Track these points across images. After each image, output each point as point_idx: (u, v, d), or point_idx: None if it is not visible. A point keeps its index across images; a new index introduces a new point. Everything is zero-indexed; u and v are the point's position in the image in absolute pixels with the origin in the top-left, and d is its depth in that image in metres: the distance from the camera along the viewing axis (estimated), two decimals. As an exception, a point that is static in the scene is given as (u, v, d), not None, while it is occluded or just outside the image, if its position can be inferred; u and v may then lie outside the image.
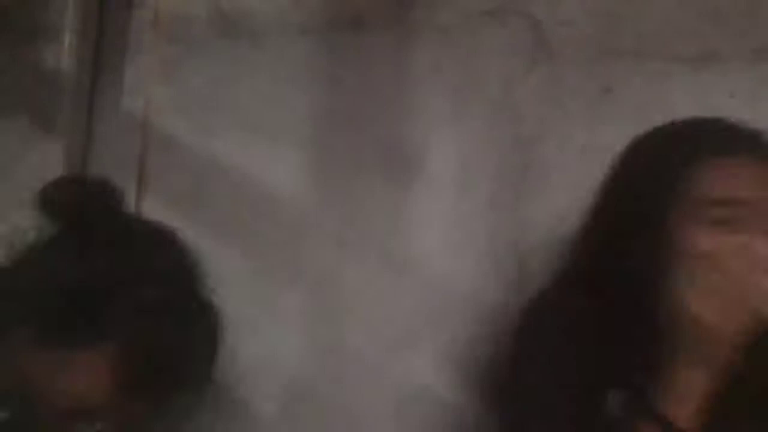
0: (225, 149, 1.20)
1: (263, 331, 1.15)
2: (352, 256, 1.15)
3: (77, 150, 1.21)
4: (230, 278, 1.17)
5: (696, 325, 0.73)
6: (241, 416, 1.14)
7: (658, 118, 1.11)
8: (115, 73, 1.26)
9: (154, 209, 1.20)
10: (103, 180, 0.87)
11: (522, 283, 1.11)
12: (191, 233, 1.19)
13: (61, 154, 1.20)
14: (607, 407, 0.77)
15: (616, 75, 1.13)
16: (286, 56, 1.22)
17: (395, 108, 1.18)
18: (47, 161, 1.19)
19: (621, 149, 0.95)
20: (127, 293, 0.77)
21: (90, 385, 0.75)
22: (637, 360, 0.77)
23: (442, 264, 1.13)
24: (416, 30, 1.19)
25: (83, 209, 0.81)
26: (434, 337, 1.12)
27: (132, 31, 1.27)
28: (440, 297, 1.13)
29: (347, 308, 1.15)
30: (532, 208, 1.12)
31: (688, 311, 0.73)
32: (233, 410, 1.14)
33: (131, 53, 1.26)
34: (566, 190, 1.12)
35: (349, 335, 1.14)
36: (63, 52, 1.21)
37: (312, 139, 1.19)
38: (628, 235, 0.82)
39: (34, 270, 0.80)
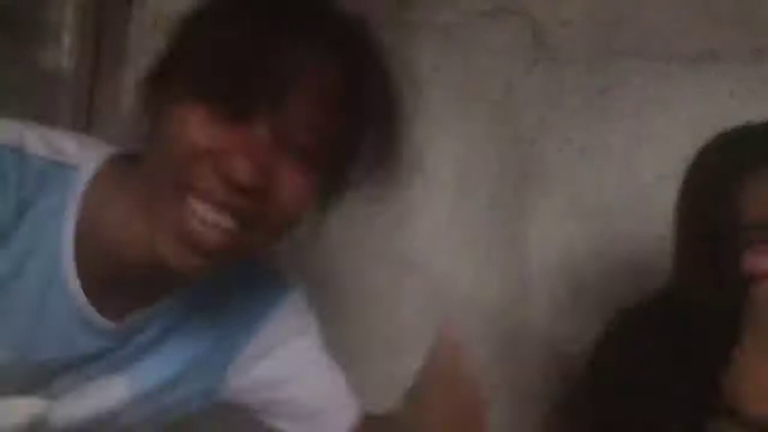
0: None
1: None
2: (353, 256, 1.15)
3: (77, 150, 1.21)
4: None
5: None
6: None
7: (658, 118, 1.12)
8: (115, 73, 1.25)
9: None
10: None
11: (522, 283, 1.11)
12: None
13: (61, 154, 1.19)
14: None
15: (616, 75, 1.13)
16: (286, 56, 1.22)
17: (395, 108, 1.18)
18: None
19: (620, 150, 0.94)
20: None
21: None
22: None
23: (442, 264, 1.13)
24: (416, 30, 1.19)
25: None
26: (434, 337, 1.12)
27: (132, 31, 1.27)
28: (440, 297, 1.13)
29: (347, 308, 1.15)
30: (532, 208, 1.12)
31: None
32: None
33: (131, 53, 1.26)
34: (566, 190, 1.12)
35: (349, 335, 1.14)
36: (63, 52, 1.21)
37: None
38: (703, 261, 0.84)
39: None
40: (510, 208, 1.13)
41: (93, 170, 0.67)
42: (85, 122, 1.24)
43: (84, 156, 0.68)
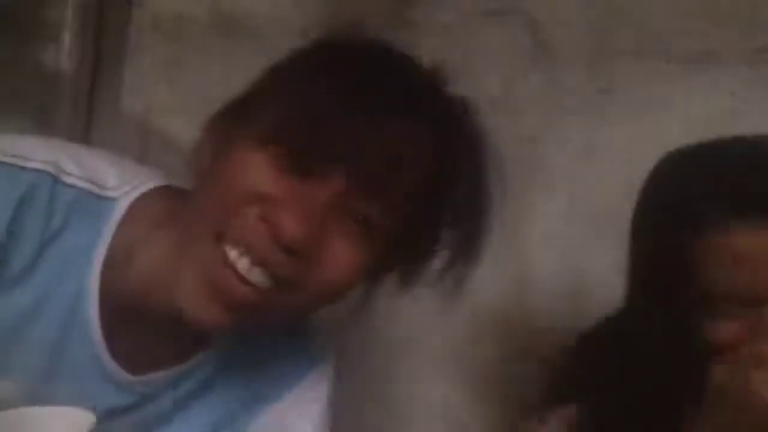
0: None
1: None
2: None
3: (77, 150, 1.21)
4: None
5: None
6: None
7: (658, 118, 1.12)
8: (115, 73, 1.25)
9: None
10: None
11: (522, 283, 1.11)
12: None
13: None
14: None
15: (616, 75, 1.13)
16: (286, 56, 1.22)
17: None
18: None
19: (621, 148, 0.93)
20: None
21: None
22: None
23: (442, 264, 1.13)
24: (416, 30, 1.19)
25: None
26: (434, 337, 1.12)
27: (132, 31, 1.27)
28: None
29: (347, 308, 1.15)
30: (532, 208, 1.12)
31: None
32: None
33: (131, 53, 1.26)
34: (566, 190, 1.12)
35: (349, 335, 1.14)
36: (63, 52, 1.21)
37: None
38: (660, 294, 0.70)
39: None
40: (510, 209, 1.13)
41: (128, 205, 0.62)
42: (85, 122, 1.24)
43: (122, 188, 0.63)
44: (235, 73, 1.29)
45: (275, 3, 1.24)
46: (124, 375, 0.62)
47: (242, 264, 0.54)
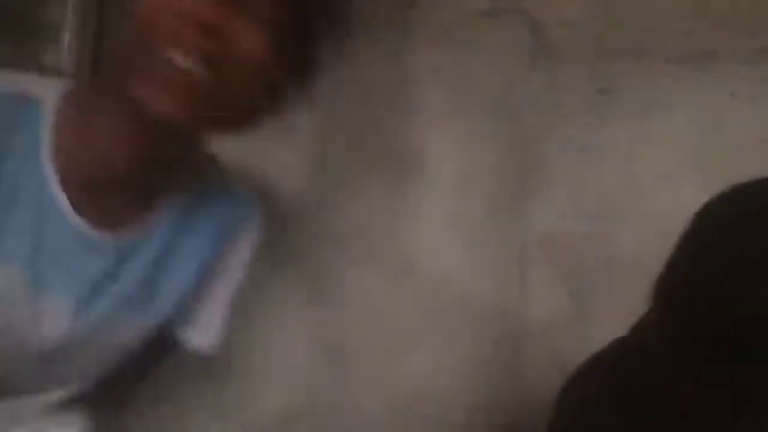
0: (223, 149, 1.20)
1: (264, 331, 1.15)
2: (352, 256, 1.15)
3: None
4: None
5: None
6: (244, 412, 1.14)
7: (658, 118, 1.12)
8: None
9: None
10: None
11: (522, 283, 1.11)
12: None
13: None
14: None
15: (616, 75, 1.13)
16: (286, 56, 1.22)
17: (395, 108, 1.18)
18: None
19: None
20: None
21: None
22: None
23: (441, 264, 1.13)
24: (415, 29, 1.19)
25: None
26: (434, 337, 1.12)
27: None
28: (439, 297, 1.13)
29: (347, 308, 1.15)
30: (532, 208, 1.12)
31: None
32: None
33: (131, 53, 1.26)
34: (566, 190, 1.12)
35: (349, 335, 1.14)
36: (63, 52, 1.21)
37: (311, 139, 1.19)
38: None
39: None
40: (510, 208, 1.13)
41: (58, 97, 0.72)
42: (85, 122, 1.24)
43: (45, 87, 0.73)
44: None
45: (275, 3, 1.24)
46: (94, 233, 0.73)
47: (177, 56, 0.64)
